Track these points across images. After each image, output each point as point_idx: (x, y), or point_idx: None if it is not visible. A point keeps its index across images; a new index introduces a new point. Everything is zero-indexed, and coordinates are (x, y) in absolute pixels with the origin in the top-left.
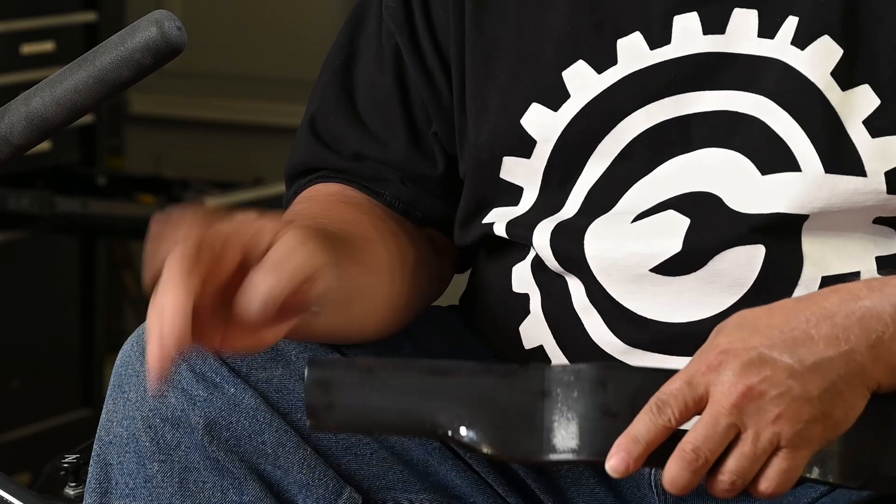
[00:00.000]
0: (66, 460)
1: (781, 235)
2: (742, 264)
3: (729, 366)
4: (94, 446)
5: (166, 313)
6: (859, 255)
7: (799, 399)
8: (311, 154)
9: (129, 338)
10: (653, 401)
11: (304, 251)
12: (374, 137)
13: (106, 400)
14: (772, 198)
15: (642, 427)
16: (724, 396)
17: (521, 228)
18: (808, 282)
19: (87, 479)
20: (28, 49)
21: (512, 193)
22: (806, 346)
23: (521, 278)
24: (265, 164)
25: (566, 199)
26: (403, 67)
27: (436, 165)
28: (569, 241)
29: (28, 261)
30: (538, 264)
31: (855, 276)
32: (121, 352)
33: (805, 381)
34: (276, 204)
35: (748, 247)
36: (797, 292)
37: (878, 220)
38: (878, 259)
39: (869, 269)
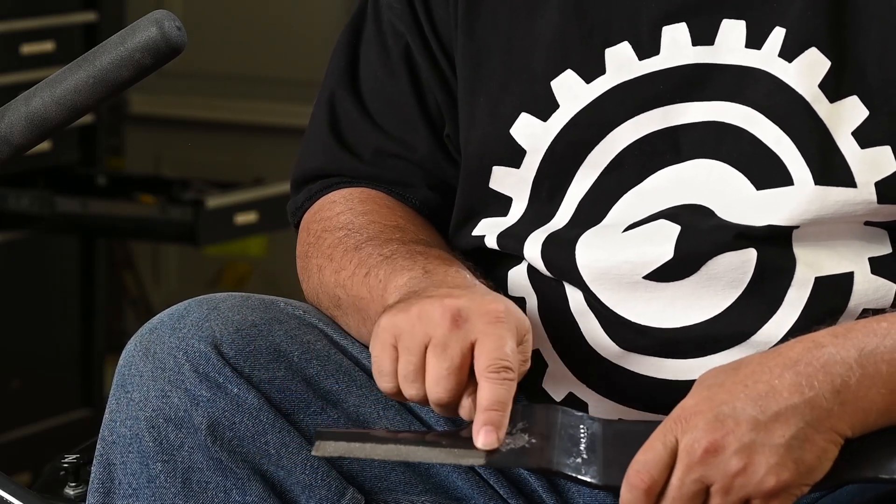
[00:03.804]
0: (66, 460)
1: (772, 241)
2: (735, 268)
3: (694, 425)
4: (98, 446)
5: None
6: (852, 257)
7: (763, 449)
8: (328, 159)
9: (132, 338)
10: (631, 472)
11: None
12: (394, 139)
13: (109, 400)
14: (765, 211)
15: (632, 499)
16: (688, 455)
17: (512, 240)
18: (801, 282)
19: (90, 479)
20: (28, 49)
21: (501, 203)
22: (770, 396)
23: (518, 282)
24: (265, 164)
25: (556, 210)
26: (416, 68)
27: (457, 165)
28: (559, 252)
29: (28, 261)
30: (534, 269)
31: (849, 276)
32: (123, 352)
33: (769, 430)
34: (277, 204)
35: (740, 251)
36: (791, 293)
37: (870, 223)
38: (871, 260)
39: (862, 270)
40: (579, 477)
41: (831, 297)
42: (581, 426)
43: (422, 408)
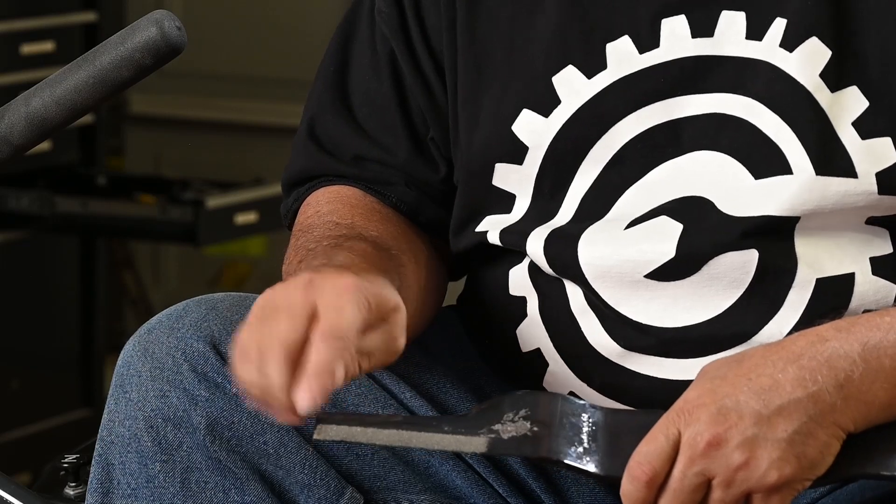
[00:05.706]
0: (66, 460)
1: (774, 238)
2: (737, 268)
3: (697, 417)
4: (97, 446)
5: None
6: (853, 256)
7: (765, 444)
8: (310, 161)
9: (131, 338)
10: (632, 463)
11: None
12: (374, 142)
13: (108, 400)
14: (763, 201)
15: (633, 490)
16: (690, 447)
17: (515, 236)
18: (803, 283)
19: (89, 479)
20: (28, 49)
21: (504, 201)
22: (773, 390)
23: (518, 281)
24: (265, 164)
25: (559, 206)
26: (400, 73)
27: (437, 170)
28: (562, 248)
29: (28, 261)
30: (535, 268)
31: (850, 277)
32: (122, 352)
33: (772, 424)
34: (276, 204)
35: (741, 251)
36: (792, 294)
37: (871, 221)
38: (872, 260)
39: (863, 271)
40: (580, 466)
41: (832, 297)
42: (584, 415)
43: (419, 407)
